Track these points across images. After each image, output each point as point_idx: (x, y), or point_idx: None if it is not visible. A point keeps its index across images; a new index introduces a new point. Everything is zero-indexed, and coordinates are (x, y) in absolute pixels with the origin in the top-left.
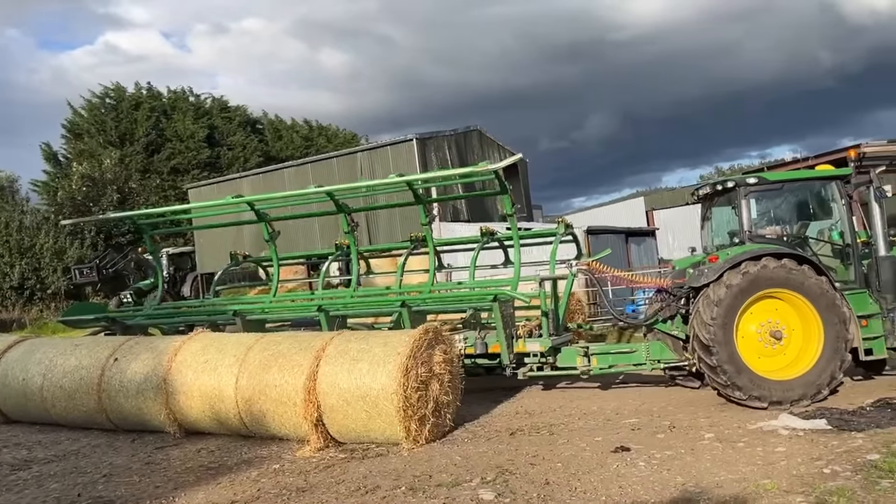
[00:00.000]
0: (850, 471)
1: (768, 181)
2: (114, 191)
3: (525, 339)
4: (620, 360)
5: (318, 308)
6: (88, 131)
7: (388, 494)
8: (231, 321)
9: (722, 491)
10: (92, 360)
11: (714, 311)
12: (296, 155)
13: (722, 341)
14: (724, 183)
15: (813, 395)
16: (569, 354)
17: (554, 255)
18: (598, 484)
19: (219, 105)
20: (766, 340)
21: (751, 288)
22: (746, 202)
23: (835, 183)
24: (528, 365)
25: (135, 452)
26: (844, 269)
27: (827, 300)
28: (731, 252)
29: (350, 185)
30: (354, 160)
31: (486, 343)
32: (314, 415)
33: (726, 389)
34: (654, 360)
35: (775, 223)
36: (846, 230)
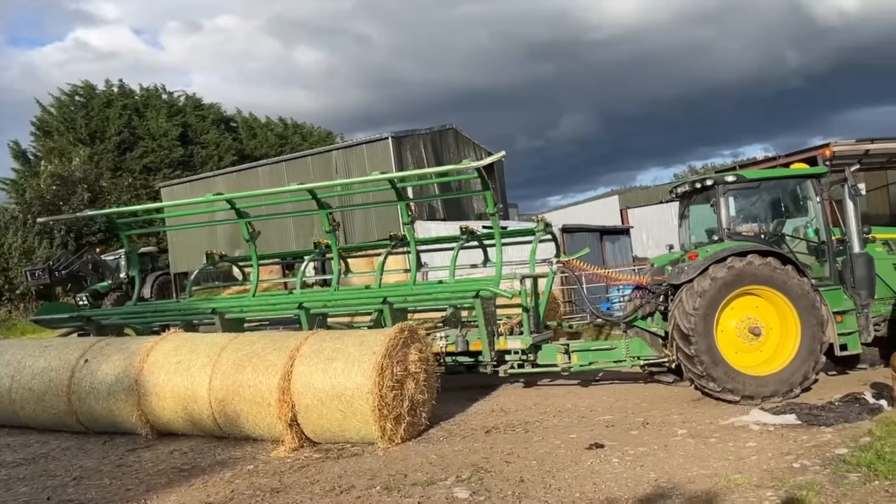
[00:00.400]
0: (818, 465)
1: (746, 179)
2: (84, 189)
3: (506, 336)
4: (600, 356)
5: (299, 306)
6: (58, 129)
7: (362, 494)
8: (209, 321)
9: (694, 486)
10: (61, 361)
11: (697, 302)
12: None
13: (702, 332)
14: (703, 181)
15: (785, 392)
16: (549, 351)
17: (534, 253)
18: (572, 481)
19: (192, 103)
20: (745, 336)
21: (734, 283)
22: (725, 200)
23: (810, 181)
24: (509, 362)
25: (106, 455)
26: (819, 266)
27: (807, 301)
28: (710, 249)
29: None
30: (330, 158)
31: (467, 341)
32: (289, 415)
33: (701, 380)
34: (633, 357)
35: (752, 221)
36: (821, 227)
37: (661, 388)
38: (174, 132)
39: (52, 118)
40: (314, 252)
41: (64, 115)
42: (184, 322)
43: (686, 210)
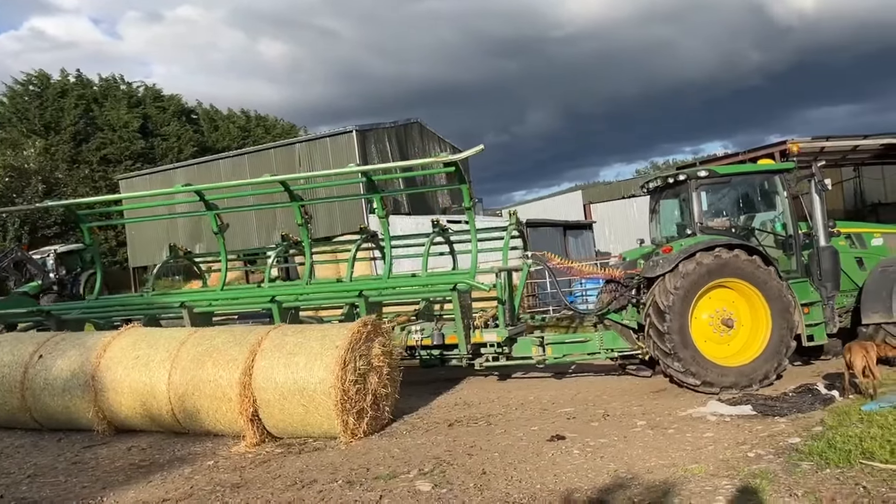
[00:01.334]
0: (772, 454)
1: (718, 174)
2: (39, 181)
3: (482, 329)
4: (575, 349)
5: (272, 299)
6: (10, 120)
7: (324, 488)
8: (173, 316)
9: (652, 476)
10: (14, 357)
11: (670, 299)
12: (232, 146)
13: (677, 312)
14: (676, 176)
15: (744, 385)
16: (524, 344)
17: (506, 246)
18: (533, 472)
19: (152, 94)
20: (717, 327)
21: (707, 276)
22: (697, 195)
23: (778, 177)
24: (485, 355)
25: (61, 452)
26: (787, 259)
27: (775, 290)
28: (684, 243)
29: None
30: (293, 151)
31: (443, 334)
32: (250, 410)
33: (667, 359)
34: (607, 349)
35: (723, 215)
36: (788, 222)
37: (622, 380)
38: (134, 124)
39: (4, 108)
40: (283, 244)
41: (16, 105)
42: (147, 317)
43: (657, 205)
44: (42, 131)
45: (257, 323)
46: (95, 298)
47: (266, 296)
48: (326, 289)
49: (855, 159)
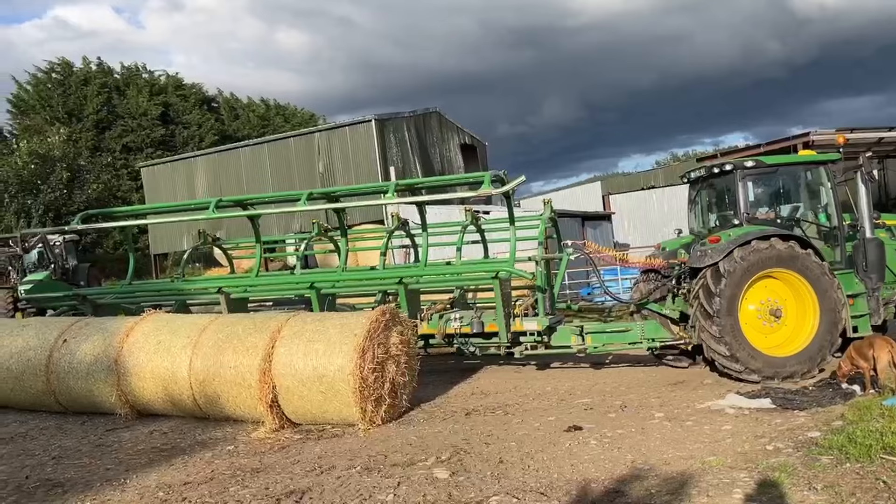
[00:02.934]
0: (791, 448)
1: (765, 164)
2: (63, 168)
3: (522, 317)
4: (615, 338)
5: (311, 285)
6: (34, 107)
7: (343, 474)
8: (211, 301)
9: (669, 468)
10: (40, 341)
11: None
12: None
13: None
14: (722, 166)
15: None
16: (563, 333)
17: (542, 235)
18: (550, 462)
19: (173, 83)
20: (766, 318)
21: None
22: (743, 185)
23: (823, 167)
24: (524, 343)
25: (85, 434)
26: (831, 251)
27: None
28: (733, 233)
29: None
30: (312, 140)
31: (482, 322)
32: (269, 396)
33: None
34: (649, 339)
35: (767, 206)
36: (833, 213)
37: (640, 371)
38: (155, 112)
39: (28, 96)
40: (315, 233)
41: (40, 92)
42: (177, 302)
43: (697, 195)
44: (65, 119)
45: (293, 310)
46: (129, 283)
47: (304, 282)
48: (364, 276)
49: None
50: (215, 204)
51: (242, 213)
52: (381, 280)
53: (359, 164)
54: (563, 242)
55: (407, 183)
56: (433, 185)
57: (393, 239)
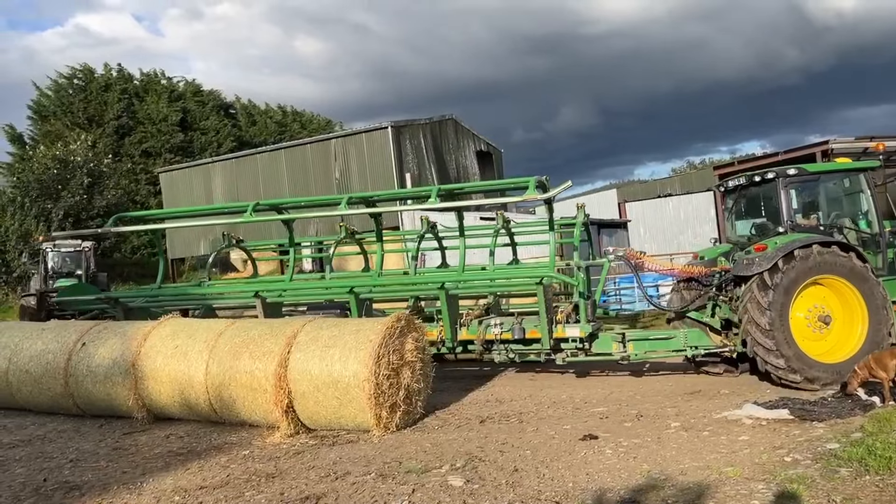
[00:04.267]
0: (810, 459)
1: (807, 172)
2: (84, 174)
3: (564, 324)
4: (658, 346)
5: (350, 290)
6: (55, 113)
7: (357, 480)
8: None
9: (686, 478)
10: (59, 344)
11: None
12: (269, 140)
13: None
14: (764, 174)
15: None
16: (605, 340)
17: (577, 239)
18: (565, 471)
19: (192, 89)
20: (814, 325)
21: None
22: (786, 192)
23: (863, 174)
24: (565, 350)
25: (102, 438)
26: (873, 257)
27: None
28: (779, 241)
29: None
30: (329, 147)
31: (523, 328)
32: (285, 401)
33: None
34: (692, 346)
35: (808, 213)
36: (874, 219)
37: (656, 380)
38: (174, 117)
39: (49, 101)
40: (343, 237)
41: (61, 98)
42: (204, 308)
43: (734, 203)
44: (86, 124)
45: (328, 314)
46: (158, 287)
47: (343, 287)
48: (402, 280)
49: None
50: (252, 208)
51: (279, 216)
52: (421, 285)
53: (375, 170)
54: (605, 249)
55: (449, 188)
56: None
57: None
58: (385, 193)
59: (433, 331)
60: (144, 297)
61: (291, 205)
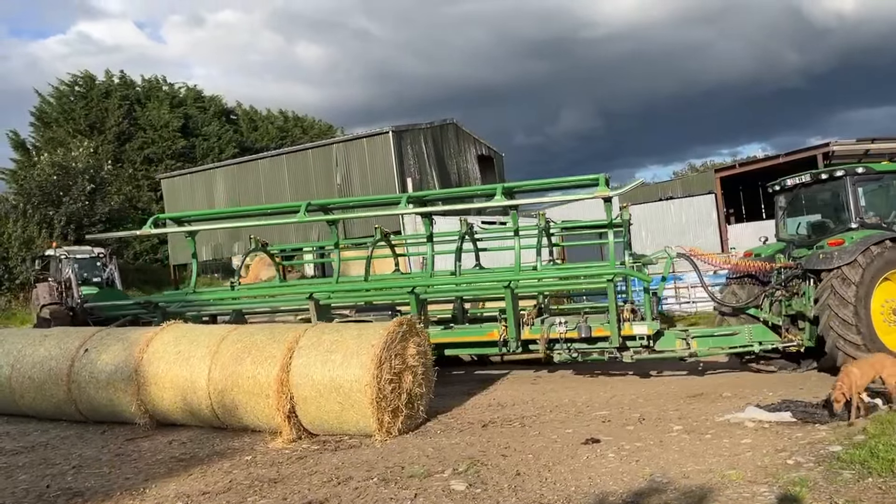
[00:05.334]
0: (812, 462)
1: (874, 171)
2: (86, 180)
3: (632, 322)
4: (722, 342)
5: (411, 290)
6: (57, 120)
7: (360, 485)
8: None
9: (688, 481)
10: (61, 350)
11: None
12: (271, 146)
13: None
14: (832, 172)
15: None
16: (668, 338)
17: (625, 237)
18: (567, 475)
19: (193, 95)
20: (889, 318)
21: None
22: (854, 190)
23: None
24: (631, 348)
25: (105, 444)
26: None
27: None
28: (855, 236)
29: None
30: (330, 152)
31: (590, 326)
32: (287, 406)
33: None
34: (757, 342)
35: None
36: None
37: (658, 383)
38: (175, 123)
39: (51, 108)
40: (378, 239)
41: (63, 105)
42: (234, 313)
43: (790, 202)
44: (87, 131)
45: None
46: (193, 291)
47: (405, 287)
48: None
49: None
50: (305, 208)
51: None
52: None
53: (376, 175)
54: (667, 246)
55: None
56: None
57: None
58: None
59: (494, 331)
60: (179, 301)
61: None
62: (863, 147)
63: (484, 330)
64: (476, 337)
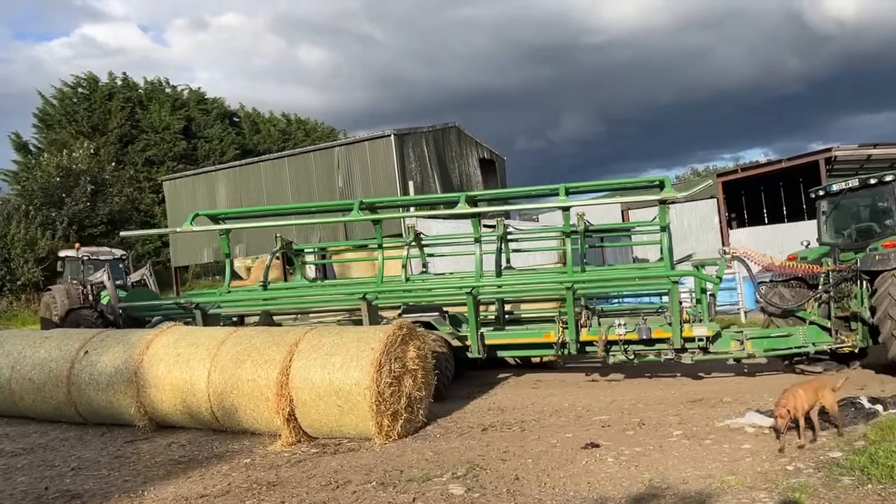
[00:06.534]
0: (812, 468)
1: None
2: (87, 181)
3: (692, 323)
4: (777, 344)
5: (469, 292)
6: (59, 121)
7: (358, 489)
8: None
9: (687, 487)
10: (62, 352)
11: None
12: (273, 148)
13: None
14: (881, 177)
15: None
16: (724, 339)
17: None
18: (566, 479)
19: (196, 97)
20: None
21: None
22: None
23: None
24: (689, 350)
25: (104, 446)
26: None
27: None
28: None
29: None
30: (332, 155)
31: (650, 328)
32: (286, 409)
33: None
34: (812, 343)
35: None
36: None
37: (658, 388)
38: (177, 125)
39: (54, 110)
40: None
41: (66, 107)
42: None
43: (834, 206)
44: (89, 133)
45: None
46: (227, 291)
47: (463, 287)
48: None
49: None
50: (358, 206)
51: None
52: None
53: (378, 178)
54: (720, 248)
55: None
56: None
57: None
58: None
59: (551, 333)
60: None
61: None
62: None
63: (540, 331)
64: (532, 339)
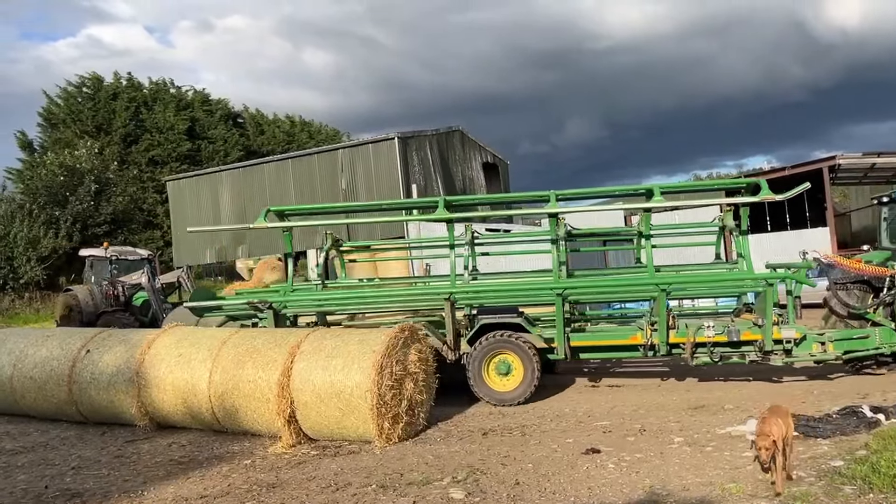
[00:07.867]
0: (814, 476)
1: None
2: (91, 181)
3: (780, 325)
4: (856, 345)
5: (560, 293)
6: (64, 121)
7: (358, 492)
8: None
9: (688, 494)
10: (63, 351)
11: None
12: (277, 150)
13: None
14: None
15: None
16: (808, 341)
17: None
18: (567, 485)
19: (200, 98)
20: None
21: None
22: None
23: None
24: (774, 352)
25: (104, 445)
26: None
27: None
28: None
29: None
30: (336, 157)
31: (738, 330)
32: (287, 411)
33: None
34: (887, 344)
35: None
36: None
37: (659, 395)
38: (181, 126)
39: (58, 110)
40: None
41: (70, 106)
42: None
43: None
44: (94, 132)
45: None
46: (291, 290)
47: (553, 288)
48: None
49: None
50: (443, 204)
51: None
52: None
53: (381, 181)
54: (802, 251)
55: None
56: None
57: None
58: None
59: (637, 334)
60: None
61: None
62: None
63: (626, 333)
64: (619, 341)
